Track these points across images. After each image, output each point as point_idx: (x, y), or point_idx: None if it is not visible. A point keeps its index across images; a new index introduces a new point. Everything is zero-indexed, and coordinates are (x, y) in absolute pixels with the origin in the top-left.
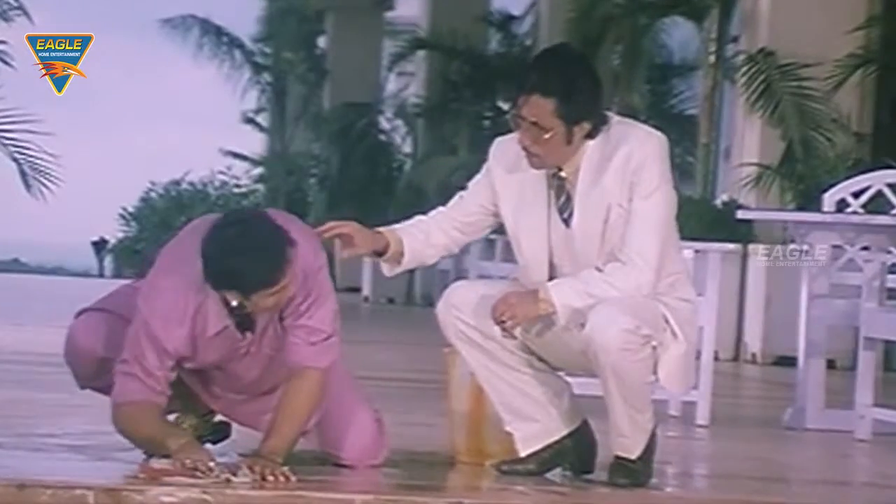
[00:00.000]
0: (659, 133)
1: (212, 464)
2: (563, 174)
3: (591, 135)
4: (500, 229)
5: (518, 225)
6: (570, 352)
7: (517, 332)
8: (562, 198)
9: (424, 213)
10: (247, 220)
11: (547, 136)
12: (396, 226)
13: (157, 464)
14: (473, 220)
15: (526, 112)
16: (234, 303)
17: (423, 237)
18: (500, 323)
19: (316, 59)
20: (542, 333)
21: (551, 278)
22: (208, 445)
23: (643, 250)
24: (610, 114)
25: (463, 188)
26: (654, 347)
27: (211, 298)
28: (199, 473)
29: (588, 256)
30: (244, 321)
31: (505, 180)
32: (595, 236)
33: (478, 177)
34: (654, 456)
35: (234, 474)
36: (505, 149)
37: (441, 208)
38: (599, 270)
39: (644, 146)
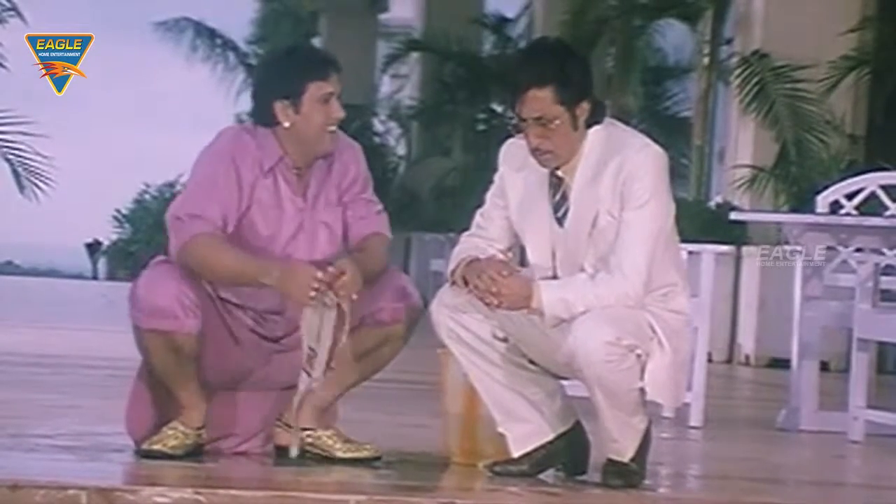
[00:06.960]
0: (656, 147)
1: (319, 275)
2: (559, 173)
3: (592, 118)
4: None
5: (523, 221)
6: (559, 355)
7: (500, 332)
8: (557, 196)
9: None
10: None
11: (553, 125)
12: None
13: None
14: (503, 234)
15: (527, 111)
16: (287, 124)
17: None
18: (487, 298)
19: None
20: (531, 337)
21: (554, 276)
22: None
23: (631, 261)
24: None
25: (481, 205)
26: (639, 356)
27: (262, 136)
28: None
29: (575, 258)
30: (301, 172)
31: (512, 179)
32: (582, 238)
33: (492, 188)
34: (648, 456)
35: (326, 304)
36: (514, 150)
37: (471, 235)
38: (590, 278)
39: (637, 157)
